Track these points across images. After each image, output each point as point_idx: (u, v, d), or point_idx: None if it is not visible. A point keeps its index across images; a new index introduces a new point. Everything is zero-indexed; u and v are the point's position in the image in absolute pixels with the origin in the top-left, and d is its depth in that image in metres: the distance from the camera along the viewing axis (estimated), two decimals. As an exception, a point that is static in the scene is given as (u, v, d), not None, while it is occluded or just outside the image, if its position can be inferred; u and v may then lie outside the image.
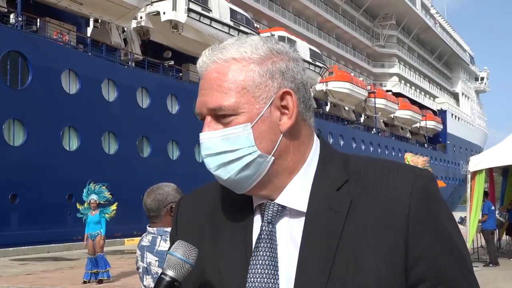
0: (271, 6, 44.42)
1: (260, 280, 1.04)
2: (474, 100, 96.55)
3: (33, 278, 13.35)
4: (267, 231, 1.07)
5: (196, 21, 30.41)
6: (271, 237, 1.07)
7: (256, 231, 1.09)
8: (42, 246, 20.23)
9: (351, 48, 59.61)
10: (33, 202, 21.29)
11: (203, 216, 1.17)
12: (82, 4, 26.29)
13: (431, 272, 1.01)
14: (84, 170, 21.75)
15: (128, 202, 21.60)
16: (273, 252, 1.05)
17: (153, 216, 3.27)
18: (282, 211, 1.08)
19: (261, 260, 1.05)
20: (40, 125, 22.00)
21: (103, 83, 25.44)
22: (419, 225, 1.01)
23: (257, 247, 1.07)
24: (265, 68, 1.06)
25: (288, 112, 1.07)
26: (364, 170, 1.08)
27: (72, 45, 26.12)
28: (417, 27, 71.13)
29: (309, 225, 1.04)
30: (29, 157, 21.37)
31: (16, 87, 21.56)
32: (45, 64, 22.49)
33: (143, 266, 3.20)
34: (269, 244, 1.06)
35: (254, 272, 1.05)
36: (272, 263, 1.05)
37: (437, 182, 1.09)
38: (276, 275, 1.04)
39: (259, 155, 1.04)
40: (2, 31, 21.58)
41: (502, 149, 14.65)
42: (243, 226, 1.11)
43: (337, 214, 1.03)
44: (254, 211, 1.12)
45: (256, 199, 1.12)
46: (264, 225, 1.08)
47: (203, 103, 1.07)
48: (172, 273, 1.02)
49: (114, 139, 25.90)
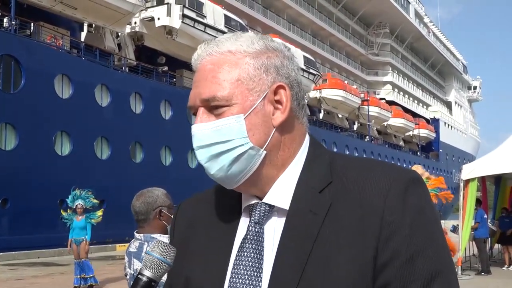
0: (266, 13, 44.54)
1: (241, 282, 1.03)
2: (467, 109, 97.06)
3: (23, 283, 13.28)
4: (253, 231, 1.06)
5: (191, 27, 30.48)
6: (257, 238, 1.05)
7: (243, 233, 1.08)
8: (32, 251, 20.13)
9: (345, 56, 59.82)
10: (24, 207, 21.20)
11: (199, 220, 1.17)
12: (76, 8, 26.30)
13: (394, 279, 0.96)
14: (76, 175, 21.66)
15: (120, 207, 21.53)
16: (258, 254, 1.04)
17: (142, 219, 3.24)
18: (270, 211, 1.07)
19: (245, 261, 1.04)
20: (32, 129, 21.94)
21: (96, 88, 25.43)
22: (390, 229, 0.98)
23: (242, 248, 1.06)
24: (260, 62, 1.06)
25: (281, 106, 1.07)
26: (346, 171, 1.06)
27: (65, 50, 26.10)
28: (411, 36, 71.56)
29: (287, 226, 1.04)
30: (20, 161, 21.29)
31: (8, 91, 21.50)
32: (38, 68, 22.46)
33: (131, 273, 3.17)
34: (254, 245, 1.05)
35: (237, 273, 1.04)
36: (256, 264, 1.03)
37: (421, 183, 1.04)
38: (259, 277, 1.02)
39: (251, 147, 1.04)
40: (-5, 34, 21.55)
41: (495, 158, 14.73)
42: (227, 228, 1.10)
43: (316, 216, 1.01)
44: (243, 213, 1.11)
45: (244, 201, 1.11)
46: (251, 225, 1.07)
47: (196, 94, 1.07)
48: (149, 273, 1.00)
49: (106, 144, 25.85)
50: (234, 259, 1.06)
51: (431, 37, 77.85)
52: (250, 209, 1.09)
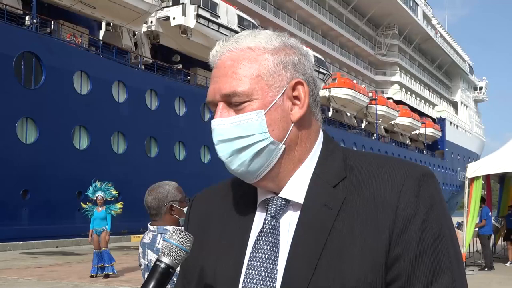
0: (278, 14, 44.46)
1: (258, 273, 1.02)
2: (472, 109, 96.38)
3: (42, 271, 13.38)
4: (270, 225, 1.06)
5: (205, 27, 30.47)
6: (273, 231, 1.05)
7: (258, 226, 1.08)
8: (51, 241, 20.29)
9: (354, 56, 59.59)
10: (43, 198, 21.36)
11: (213, 212, 1.17)
12: (95, 8, 26.38)
13: (406, 271, 0.96)
14: (93, 168, 21.79)
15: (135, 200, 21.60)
16: (274, 246, 1.04)
17: (154, 214, 3.25)
18: (285, 205, 1.07)
19: (261, 254, 1.04)
20: (52, 124, 22.06)
21: (113, 84, 25.51)
22: (404, 223, 0.97)
23: (258, 241, 1.05)
24: (279, 59, 1.05)
25: (299, 102, 1.06)
26: (360, 166, 1.06)
27: (84, 47, 26.21)
28: (419, 37, 71.10)
29: (302, 220, 1.03)
30: (40, 154, 21.44)
31: (29, 87, 21.64)
32: (58, 65, 22.57)
33: (145, 263, 3.19)
34: (270, 238, 1.04)
35: (253, 264, 1.04)
36: (271, 257, 1.03)
37: (433, 178, 1.04)
38: (274, 269, 1.02)
39: (271, 142, 1.03)
40: (17, 32, 21.68)
41: (499, 157, 14.62)
42: (242, 221, 1.10)
43: (330, 210, 1.01)
44: (258, 207, 1.10)
45: (260, 195, 1.10)
46: (267, 219, 1.06)
47: (216, 90, 1.05)
48: (168, 260, 0.99)
49: (123, 139, 25.96)
50: (251, 251, 1.06)
51: (438, 39, 77.32)
52: (266, 203, 1.08)
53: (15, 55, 21.00)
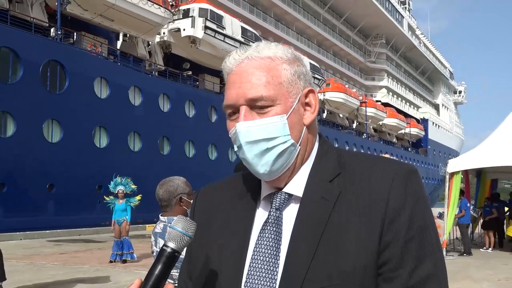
0: (277, 25, 44.40)
1: (262, 259, 1.03)
2: (452, 110, 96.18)
3: (66, 257, 13.41)
4: (274, 216, 1.06)
5: (212, 37, 30.46)
6: (277, 222, 1.05)
7: (261, 218, 1.08)
8: (74, 230, 20.32)
9: (346, 63, 59.52)
10: (67, 192, 21.39)
11: (218, 204, 1.16)
12: (113, 20, 26.40)
13: (396, 255, 0.97)
14: (111, 165, 21.81)
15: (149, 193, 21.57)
16: (277, 235, 1.04)
17: (165, 205, 3.25)
18: (288, 199, 1.07)
19: (266, 242, 1.04)
20: (75, 124, 22.09)
21: (130, 89, 25.52)
22: (394, 213, 0.98)
23: (263, 230, 1.05)
24: (294, 69, 1.07)
25: (310, 108, 1.08)
26: (353, 164, 1.07)
27: (103, 56, 26.22)
28: (404, 46, 71.05)
29: (302, 211, 1.03)
30: (64, 152, 21.47)
31: (54, 92, 21.66)
32: (80, 72, 22.59)
33: (156, 250, 3.18)
34: (275, 228, 1.05)
35: (259, 251, 1.04)
36: (275, 245, 1.03)
37: (418, 174, 1.05)
38: (277, 256, 1.02)
39: (292, 144, 1.04)
40: (43, 42, 21.70)
41: (477, 154, 14.61)
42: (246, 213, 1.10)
43: (327, 202, 1.02)
44: (262, 200, 1.10)
45: (265, 190, 1.10)
46: (272, 211, 1.06)
47: (240, 94, 1.03)
48: (173, 244, 0.99)
49: (138, 138, 25.97)
50: (256, 239, 1.06)
51: (422, 47, 77.20)
52: (271, 198, 1.08)
53: (41, 63, 21.02)
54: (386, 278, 0.97)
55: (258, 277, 1.02)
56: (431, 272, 0.98)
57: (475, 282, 9.81)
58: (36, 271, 10.80)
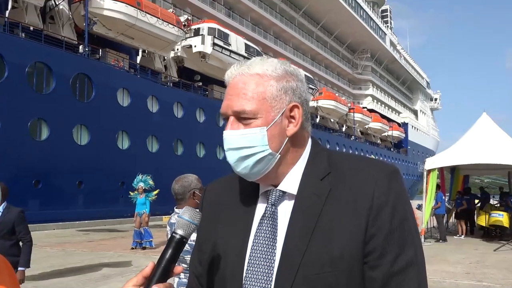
0: (276, 42, 44.40)
1: (261, 248, 1.02)
2: (429, 115, 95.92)
3: (94, 244, 13.44)
4: (270, 211, 1.05)
5: (219, 53, 30.48)
6: (273, 216, 1.05)
7: (260, 212, 1.07)
8: (100, 221, 20.34)
9: (336, 75, 59.46)
10: (94, 187, 21.41)
11: (223, 199, 1.16)
12: (133, 38, 26.45)
13: (380, 246, 0.96)
14: (132, 164, 21.85)
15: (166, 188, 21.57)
16: (273, 228, 1.03)
17: (180, 198, 3.24)
18: (282, 195, 1.06)
19: (263, 234, 1.03)
20: (100, 129, 22.11)
21: (148, 98, 25.54)
22: (378, 208, 0.97)
23: (261, 223, 1.05)
24: (281, 85, 1.03)
25: (294, 121, 1.05)
26: (342, 164, 1.06)
27: (125, 70, 26.25)
28: (387, 59, 70.97)
29: (296, 206, 1.03)
30: (91, 153, 21.50)
31: (83, 100, 21.70)
32: (105, 83, 22.62)
33: None
34: (271, 222, 1.04)
35: (257, 242, 1.03)
36: (271, 236, 1.03)
37: (399, 173, 1.04)
38: (274, 246, 1.02)
39: (270, 153, 1.02)
40: (73, 58, 21.75)
41: (451, 153, 14.59)
42: (247, 208, 1.09)
43: (319, 198, 1.01)
44: (260, 196, 1.09)
45: (262, 187, 1.10)
46: (268, 206, 1.06)
47: (229, 106, 1.03)
48: (181, 232, 0.99)
49: (156, 140, 25.98)
50: (255, 232, 1.05)
51: (402, 60, 77.09)
52: (267, 194, 1.08)
53: (71, 76, 21.05)
54: (371, 266, 0.97)
55: (258, 264, 1.02)
56: (411, 260, 0.98)
57: (449, 265, 9.79)
58: (67, 257, 10.82)
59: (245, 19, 39.32)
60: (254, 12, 40.57)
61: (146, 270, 0.96)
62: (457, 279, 8.27)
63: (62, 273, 8.73)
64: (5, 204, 4.77)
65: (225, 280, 1.06)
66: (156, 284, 0.93)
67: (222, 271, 1.07)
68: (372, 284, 0.97)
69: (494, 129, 14.65)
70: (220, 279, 1.07)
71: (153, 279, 0.94)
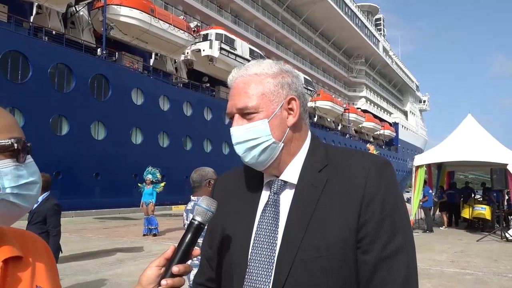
0: (278, 47, 44.31)
1: (264, 234, 1.03)
2: (418, 116, 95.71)
3: (109, 231, 13.47)
4: (273, 199, 1.06)
5: (226, 56, 30.43)
6: (275, 204, 1.05)
7: (264, 200, 1.08)
8: (115, 209, 20.39)
9: (332, 78, 59.33)
10: (110, 179, 21.46)
11: (231, 189, 1.17)
12: (147, 43, 26.46)
13: (372, 232, 0.96)
14: (145, 158, 21.86)
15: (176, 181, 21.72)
16: (276, 215, 1.04)
17: (196, 186, 3.30)
18: (284, 185, 1.07)
19: (267, 220, 1.04)
20: (116, 125, 22.14)
21: (160, 97, 25.55)
22: (370, 197, 0.97)
23: (264, 211, 1.06)
24: (278, 81, 1.06)
25: (293, 112, 1.06)
26: (337, 157, 1.06)
27: (139, 71, 26.26)
28: (380, 64, 70.77)
29: (296, 196, 1.03)
30: (108, 147, 21.54)
31: (100, 99, 21.73)
32: (121, 84, 22.63)
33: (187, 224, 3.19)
34: (273, 209, 1.05)
35: (261, 227, 1.04)
36: (274, 222, 1.03)
37: (390, 165, 1.03)
38: (275, 231, 1.02)
39: (273, 142, 1.04)
40: (92, 60, 21.76)
41: (438, 151, 14.55)
42: (252, 196, 1.10)
43: (316, 188, 1.01)
44: (264, 186, 1.10)
45: (266, 178, 1.10)
46: (271, 195, 1.07)
47: (233, 105, 1.06)
48: (200, 218, 1.01)
49: (166, 136, 26.00)
50: (259, 218, 1.06)
51: (394, 65, 76.85)
52: (270, 184, 1.09)
53: (90, 76, 21.08)
54: (364, 251, 0.97)
55: (261, 248, 1.02)
56: (401, 245, 0.97)
57: (436, 254, 9.77)
58: (84, 242, 10.86)
59: (249, 26, 39.24)
60: (258, 19, 40.50)
61: (167, 252, 0.98)
62: (442, 267, 8.25)
63: (80, 257, 8.76)
64: (46, 194, 4.68)
65: (232, 263, 1.07)
66: (176, 265, 0.95)
67: (229, 255, 1.08)
68: (365, 267, 0.96)
69: (478, 129, 14.59)
70: (227, 262, 1.08)
71: (174, 260, 0.96)
